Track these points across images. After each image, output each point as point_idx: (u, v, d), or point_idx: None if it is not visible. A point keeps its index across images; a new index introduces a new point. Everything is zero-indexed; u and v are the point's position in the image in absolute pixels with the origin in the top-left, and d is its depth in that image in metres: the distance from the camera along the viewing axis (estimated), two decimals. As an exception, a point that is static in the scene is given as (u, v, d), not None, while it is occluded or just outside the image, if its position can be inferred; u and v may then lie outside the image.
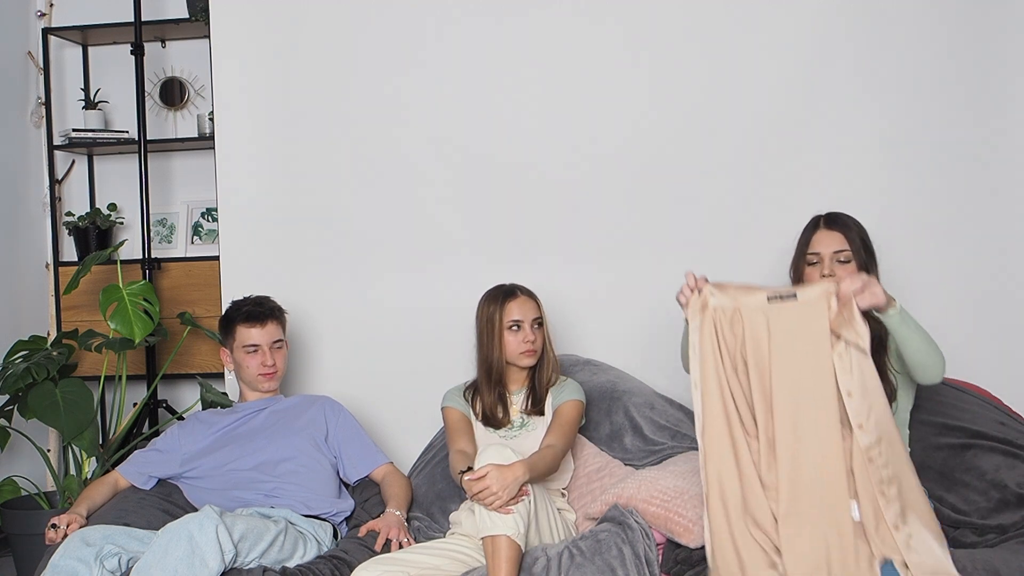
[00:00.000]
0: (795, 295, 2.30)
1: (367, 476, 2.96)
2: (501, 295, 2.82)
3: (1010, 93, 3.12)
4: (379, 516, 2.76)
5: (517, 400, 2.84)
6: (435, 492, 2.96)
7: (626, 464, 2.92)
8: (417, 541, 2.70)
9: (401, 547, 2.61)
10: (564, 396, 2.79)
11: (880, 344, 2.49)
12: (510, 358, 2.80)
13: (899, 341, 2.38)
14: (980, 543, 2.55)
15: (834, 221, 2.61)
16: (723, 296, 2.32)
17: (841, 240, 2.57)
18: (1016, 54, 3.11)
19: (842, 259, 2.56)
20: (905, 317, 2.36)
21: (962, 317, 3.15)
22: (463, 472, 2.49)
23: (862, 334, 2.23)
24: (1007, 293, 3.15)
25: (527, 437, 2.77)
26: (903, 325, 2.35)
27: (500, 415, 2.80)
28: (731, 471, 2.26)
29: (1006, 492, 2.59)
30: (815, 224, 2.63)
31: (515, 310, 2.79)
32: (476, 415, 2.83)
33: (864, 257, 2.57)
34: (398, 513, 2.75)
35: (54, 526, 2.66)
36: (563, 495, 2.85)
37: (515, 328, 2.79)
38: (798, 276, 2.63)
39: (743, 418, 2.28)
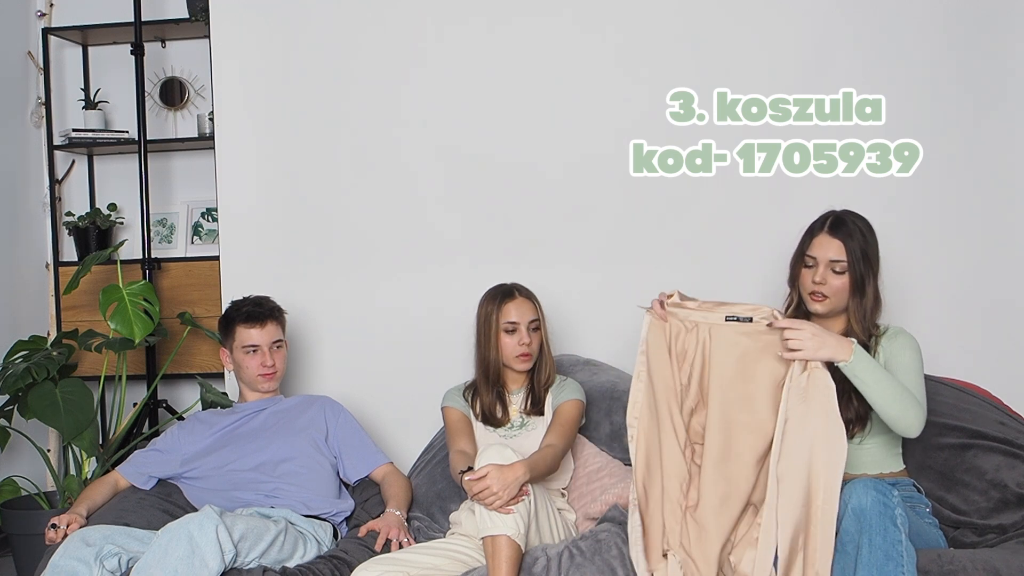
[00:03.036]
0: (751, 318, 2.40)
1: (367, 476, 2.96)
2: (499, 295, 2.82)
3: (1013, 91, 3.12)
4: (379, 516, 2.77)
5: (516, 400, 2.84)
6: (435, 492, 2.96)
7: (626, 464, 2.91)
8: (417, 541, 2.70)
9: (401, 547, 2.62)
10: (564, 396, 2.79)
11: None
12: (506, 360, 2.80)
13: (860, 391, 2.37)
14: (980, 543, 2.55)
15: (838, 227, 2.52)
16: (686, 310, 2.47)
17: (840, 249, 2.50)
18: (1018, 49, 3.11)
19: (837, 269, 2.50)
20: (861, 367, 2.33)
21: (962, 317, 3.15)
22: (463, 472, 2.50)
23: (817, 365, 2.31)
24: (1008, 293, 3.14)
25: (527, 437, 2.77)
26: (858, 376, 2.34)
27: (499, 415, 2.81)
28: (655, 458, 2.43)
29: (1006, 492, 2.60)
30: (820, 225, 2.55)
31: (512, 312, 2.79)
32: (476, 415, 2.83)
33: (862, 269, 2.49)
34: (398, 513, 2.75)
35: (54, 526, 2.66)
36: (563, 495, 2.85)
37: (511, 330, 2.78)
38: (794, 275, 2.61)
39: (674, 418, 2.44)
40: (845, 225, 2.53)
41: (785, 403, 2.30)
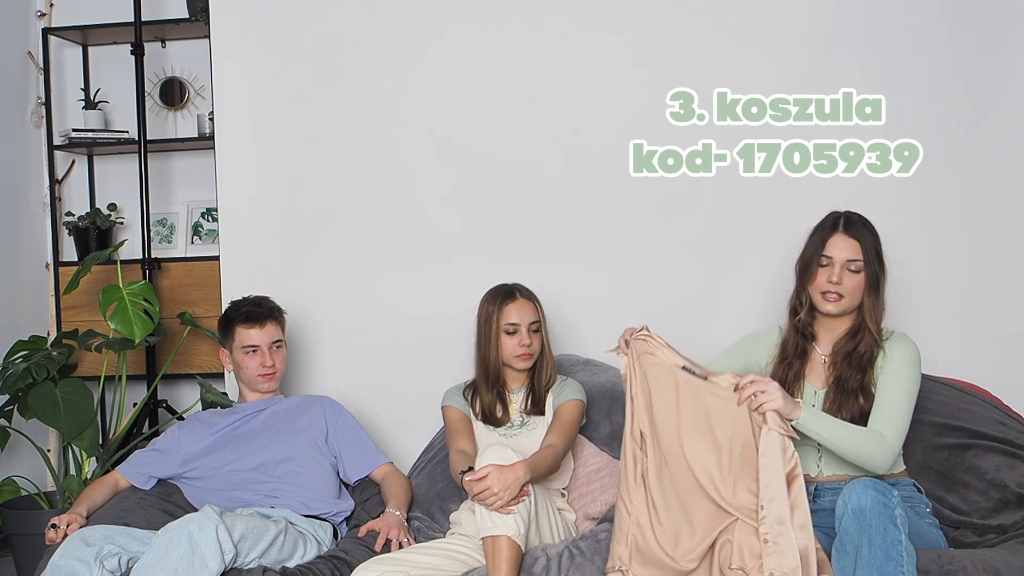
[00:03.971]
0: (705, 378, 2.37)
1: (367, 476, 2.96)
2: (500, 296, 2.82)
3: (1013, 90, 3.12)
4: (379, 516, 2.77)
5: (516, 399, 2.84)
6: (435, 492, 2.96)
7: (626, 464, 2.91)
8: (417, 541, 2.70)
9: (401, 547, 2.62)
10: (565, 396, 2.79)
11: (869, 361, 2.50)
12: (506, 359, 2.80)
13: (819, 442, 2.39)
14: (980, 543, 2.55)
15: (852, 227, 2.53)
16: (648, 346, 2.44)
17: (856, 249, 2.51)
18: (1018, 48, 3.11)
19: (853, 268, 2.51)
20: (813, 423, 2.34)
21: (962, 317, 3.16)
22: (464, 472, 2.50)
23: (782, 425, 2.28)
24: (1008, 293, 3.15)
25: (527, 436, 2.77)
26: (811, 431, 2.34)
27: (499, 414, 2.81)
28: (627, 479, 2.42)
29: (1006, 492, 2.60)
30: (834, 225, 2.55)
31: (512, 313, 2.79)
32: (476, 414, 2.83)
33: (876, 268, 2.52)
34: (398, 513, 2.75)
35: (54, 526, 2.66)
36: (563, 495, 2.85)
37: (512, 331, 2.78)
38: (807, 275, 2.58)
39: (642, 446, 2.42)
40: (858, 224, 2.55)
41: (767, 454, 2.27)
